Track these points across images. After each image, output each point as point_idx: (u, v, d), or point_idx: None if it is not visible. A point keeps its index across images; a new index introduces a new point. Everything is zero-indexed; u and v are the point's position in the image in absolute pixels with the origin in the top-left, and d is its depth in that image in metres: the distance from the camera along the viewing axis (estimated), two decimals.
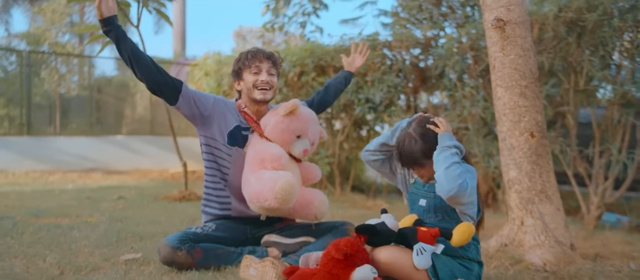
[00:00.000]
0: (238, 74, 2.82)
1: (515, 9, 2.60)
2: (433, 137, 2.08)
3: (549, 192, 2.60)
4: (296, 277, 1.99)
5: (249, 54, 2.80)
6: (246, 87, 2.76)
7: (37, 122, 9.04)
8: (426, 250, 1.96)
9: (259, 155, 2.61)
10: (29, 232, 3.37)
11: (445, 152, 1.99)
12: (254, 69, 2.75)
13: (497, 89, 2.69)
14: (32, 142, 8.04)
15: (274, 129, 2.67)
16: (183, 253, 2.44)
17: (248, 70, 2.76)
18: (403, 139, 2.12)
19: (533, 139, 2.60)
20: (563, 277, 2.32)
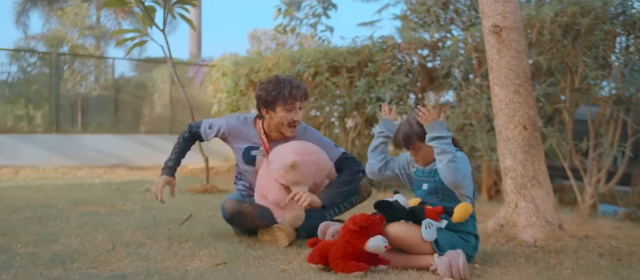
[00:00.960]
0: (269, 105, 2.92)
1: (510, 16, 2.93)
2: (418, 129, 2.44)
3: (540, 178, 2.94)
4: (319, 246, 2.34)
5: (285, 91, 2.88)
6: (277, 121, 2.94)
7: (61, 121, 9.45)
8: (433, 225, 2.30)
9: (262, 191, 2.97)
10: (73, 217, 3.74)
11: (443, 145, 2.32)
12: (289, 106, 2.89)
13: (494, 87, 3.03)
14: (60, 139, 8.46)
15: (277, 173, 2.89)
16: (247, 204, 2.84)
17: (283, 106, 2.89)
18: (401, 124, 2.48)
19: (526, 131, 2.93)
20: (550, 251, 2.65)
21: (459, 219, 2.29)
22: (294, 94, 2.88)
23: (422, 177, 2.51)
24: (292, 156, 2.80)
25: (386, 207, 2.34)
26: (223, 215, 2.95)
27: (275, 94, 2.89)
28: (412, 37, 5.42)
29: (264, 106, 2.96)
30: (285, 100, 2.88)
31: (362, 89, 5.61)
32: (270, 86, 2.92)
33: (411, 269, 2.32)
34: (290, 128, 2.96)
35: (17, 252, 2.64)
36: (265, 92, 2.92)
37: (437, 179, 2.41)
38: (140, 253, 2.63)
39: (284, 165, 2.81)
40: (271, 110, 2.94)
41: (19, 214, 3.83)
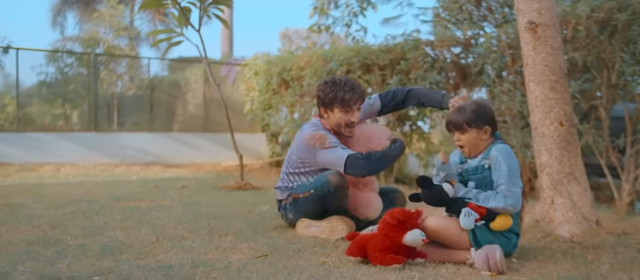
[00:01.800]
0: (328, 106, 3.01)
1: (545, 13, 2.94)
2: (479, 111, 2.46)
3: (577, 175, 2.94)
4: (357, 240, 2.40)
5: (341, 94, 2.95)
6: (334, 121, 3.02)
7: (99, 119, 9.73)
8: (472, 215, 2.33)
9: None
10: (116, 212, 3.88)
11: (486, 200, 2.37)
12: (346, 108, 2.97)
13: (529, 84, 3.04)
14: (99, 138, 8.72)
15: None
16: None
17: (341, 108, 2.97)
18: (457, 108, 2.51)
19: (562, 128, 2.93)
20: (587, 246, 2.66)
21: (497, 228, 2.34)
22: (349, 98, 2.96)
23: (469, 175, 2.52)
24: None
25: (427, 184, 2.39)
26: (325, 189, 2.97)
27: (332, 97, 2.98)
28: (445, 35, 5.43)
29: (323, 106, 3.06)
30: (342, 103, 2.96)
31: (395, 86, 5.64)
32: (328, 88, 3.00)
33: (448, 263, 2.36)
34: (347, 128, 3.04)
35: (68, 243, 2.77)
36: (323, 93, 3.02)
37: (486, 174, 2.43)
38: (183, 245, 2.73)
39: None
40: (329, 110, 3.03)
41: (65, 209, 3.99)
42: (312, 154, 3.03)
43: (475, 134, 2.45)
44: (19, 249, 2.61)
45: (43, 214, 3.73)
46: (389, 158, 2.98)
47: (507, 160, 2.38)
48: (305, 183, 3.13)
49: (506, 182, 2.33)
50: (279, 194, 3.30)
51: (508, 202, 2.33)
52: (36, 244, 2.73)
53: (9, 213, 3.79)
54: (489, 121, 2.48)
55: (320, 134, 3.00)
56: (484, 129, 2.45)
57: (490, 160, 2.41)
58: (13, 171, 7.20)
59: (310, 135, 3.02)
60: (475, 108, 2.48)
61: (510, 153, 2.43)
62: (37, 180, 6.56)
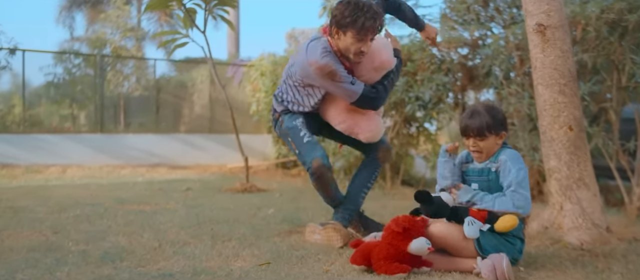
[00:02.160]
0: (342, 28, 2.79)
1: (554, 15, 2.88)
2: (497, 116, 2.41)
3: (587, 180, 2.88)
4: (361, 248, 2.35)
5: (360, 20, 2.74)
6: (343, 46, 2.82)
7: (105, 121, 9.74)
8: (475, 223, 2.27)
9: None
10: (120, 215, 3.85)
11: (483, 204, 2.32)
12: (360, 36, 2.76)
13: (538, 87, 2.98)
14: (105, 139, 8.72)
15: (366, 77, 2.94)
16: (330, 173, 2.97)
17: (356, 35, 2.76)
18: (470, 112, 2.44)
19: (571, 132, 2.87)
20: (597, 254, 2.59)
21: (502, 229, 2.28)
22: (368, 26, 2.74)
23: (472, 177, 2.49)
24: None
25: (426, 199, 2.33)
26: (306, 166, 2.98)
27: (350, 21, 2.75)
28: (452, 36, 5.36)
29: (336, 26, 2.82)
30: (358, 29, 2.75)
31: (401, 88, 5.59)
32: (347, 10, 2.77)
33: (454, 272, 2.31)
34: (356, 56, 2.86)
35: (69, 249, 2.74)
36: (341, 14, 2.78)
37: (491, 178, 2.39)
38: (185, 252, 2.69)
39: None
40: (342, 33, 2.81)
41: (69, 212, 3.97)
42: (318, 81, 2.89)
43: (493, 140, 2.41)
44: (19, 256, 2.59)
45: (46, 218, 3.71)
46: (393, 82, 2.99)
47: (516, 165, 2.33)
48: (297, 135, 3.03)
49: (515, 184, 2.28)
50: (276, 104, 3.20)
51: (517, 203, 2.27)
52: (37, 250, 2.70)
53: (13, 216, 3.77)
54: (505, 125, 2.43)
55: (330, 68, 2.79)
56: (501, 135, 2.41)
57: (499, 164, 2.36)
58: (19, 173, 7.20)
59: (319, 66, 2.81)
60: (490, 111, 2.42)
61: (520, 158, 2.38)
62: (43, 182, 6.55)
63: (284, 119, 3.14)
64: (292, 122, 3.08)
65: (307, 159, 2.94)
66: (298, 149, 3.03)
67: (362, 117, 3.01)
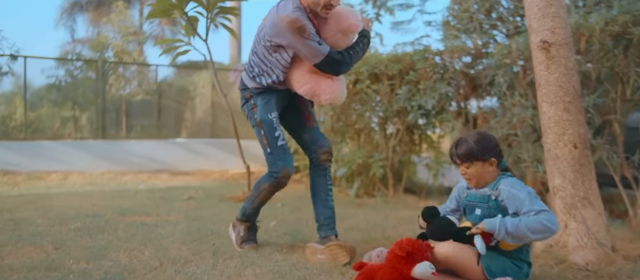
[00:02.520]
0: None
1: (559, 32, 2.86)
2: (483, 142, 2.39)
3: (591, 199, 2.85)
4: (364, 271, 2.33)
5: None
6: (313, 0, 2.93)
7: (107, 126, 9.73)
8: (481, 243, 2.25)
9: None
10: (121, 229, 3.84)
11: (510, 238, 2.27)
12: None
13: (542, 105, 2.95)
14: (107, 146, 8.70)
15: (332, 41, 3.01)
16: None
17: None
18: (458, 140, 2.44)
19: (576, 150, 2.85)
20: (603, 276, 2.57)
21: (506, 246, 2.26)
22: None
23: (474, 202, 2.46)
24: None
25: (434, 214, 2.33)
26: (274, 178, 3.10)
27: None
28: (455, 45, 5.34)
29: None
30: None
31: (404, 97, 5.57)
32: None
33: None
34: (325, 9, 2.95)
35: (70, 268, 2.72)
36: None
37: (492, 205, 2.37)
38: (187, 272, 2.67)
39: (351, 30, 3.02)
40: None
41: (70, 225, 3.96)
42: (286, 39, 2.92)
43: (480, 166, 2.38)
44: (19, 276, 2.57)
45: (47, 232, 3.69)
46: (359, 54, 3.03)
47: (523, 188, 2.31)
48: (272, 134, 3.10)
49: (531, 204, 2.24)
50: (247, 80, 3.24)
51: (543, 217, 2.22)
52: (38, 270, 2.68)
53: (14, 229, 3.76)
54: (494, 152, 2.40)
55: (300, 23, 2.85)
56: (490, 161, 2.38)
57: (498, 193, 2.34)
58: (20, 180, 7.19)
59: (290, 20, 2.86)
60: (478, 139, 2.41)
61: (522, 183, 2.35)
62: (44, 189, 6.54)
63: (257, 103, 3.17)
64: (267, 115, 3.13)
65: (279, 164, 3.08)
66: (270, 148, 3.11)
67: (324, 80, 3.05)
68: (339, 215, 4.63)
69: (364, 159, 6.11)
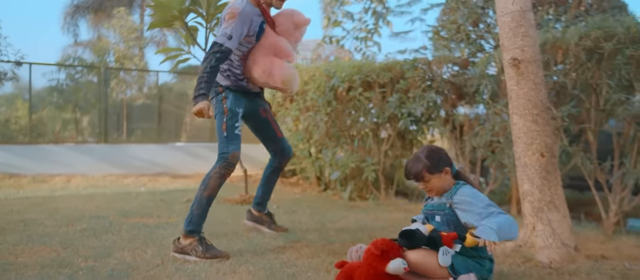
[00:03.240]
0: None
1: (528, 50, 3.12)
2: (434, 157, 2.64)
3: (557, 203, 3.11)
4: (345, 269, 2.58)
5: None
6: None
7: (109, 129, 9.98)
8: (449, 252, 2.51)
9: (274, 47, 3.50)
10: (124, 230, 4.09)
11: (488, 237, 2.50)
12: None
13: (513, 116, 3.21)
14: (108, 149, 8.96)
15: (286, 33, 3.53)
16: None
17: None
18: (410, 160, 2.68)
19: (543, 159, 3.11)
20: (564, 273, 2.82)
21: (471, 244, 2.51)
22: None
23: (433, 210, 2.71)
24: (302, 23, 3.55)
25: (410, 236, 2.57)
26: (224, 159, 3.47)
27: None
28: (443, 56, 5.60)
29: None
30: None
31: (394, 104, 5.82)
32: None
33: None
34: (280, 1, 3.53)
35: (79, 266, 2.98)
36: None
37: (448, 212, 2.62)
38: (186, 269, 2.93)
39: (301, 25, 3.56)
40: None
41: (76, 226, 4.21)
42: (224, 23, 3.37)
43: (437, 179, 2.63)
44: (34, 272, 2.82)
45: (55, 232, 3.95)
46: (209, 64, 3.26)
47: (477, 197, 2.55)
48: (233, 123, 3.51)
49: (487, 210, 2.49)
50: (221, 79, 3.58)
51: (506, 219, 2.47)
52: (49, 267, 2.94)
53: (24, 230, 4.01)
54: (445, 162, 2.65)
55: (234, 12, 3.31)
56: (444, 171, 2.63)
57: (453, 202, 2.58)
58: (25, 183, 7.45)
59: (231, 8, 3.37)
60: (429, 154, 2.65)
61: (476, 191, 2.59)
62: (49, 192, 6.79)
63: (228, 96, 3.55)
64: (235, 107, 3.53)
65: (230, 148, 3.45)
66: (227, 133, 3.47)
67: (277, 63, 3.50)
68: (332, 217, 4.90)
69: (357, 163, 6.36)
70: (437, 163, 2.64)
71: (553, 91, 4.46)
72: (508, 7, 3.15)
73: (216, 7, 5.79)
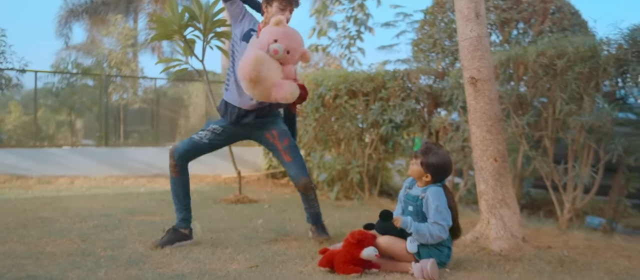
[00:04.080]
0: (269, 2, 3.82)
1: (484, 70, 3.66)
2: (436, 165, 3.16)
3: (508, 201, 3.65)
4: (327, 255, 3.11)
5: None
6: (270, 15, 3.78)
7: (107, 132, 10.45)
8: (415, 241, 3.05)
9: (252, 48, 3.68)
10: (133, 226, 4.59)
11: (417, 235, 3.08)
12: (282, 6, 3.75)
13: (471, 127, 3.75)
14: (109, 152, 9.43)
15: (262, 31, 3.66)
16: None
17: (279, 5, 3.76)
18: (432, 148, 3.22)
19: (496, 163, 3.65)
20: (510, 259, 3.36)
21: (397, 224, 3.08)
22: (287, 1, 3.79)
23: (409, 201, 3.25)
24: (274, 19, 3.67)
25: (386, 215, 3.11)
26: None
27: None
28: (419, 68, 6.15)
29: (265, 2, 3.85)
30: (281, 3, 3.76)
31: (376, 111, 6.36)
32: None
33: (395, 272, 3.07)
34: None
35: (100, 255, 3.48)
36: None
37: (419, 204, 3.15)
38: (192, 257, 3.44)
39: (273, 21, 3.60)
40: (269, 6, 3.81)
41: (88, 222, 4.71)
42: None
43: (418, 170, 3.16)
44: (62, 259, 3.32)
45: (71, 228, 4.44)
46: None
47: (436, 201, 3.08)
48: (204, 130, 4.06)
49: (433, 216, 3.05)
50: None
51: (434, 234, 3.04)
52: (75, 255, 3.43)
53: (43, 226, 4.50)
54: (435, 173, 3.16)
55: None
56: (426, 174, 3.17)
57: (426, 200, 3.12)
58: (32, 183, 7.91)
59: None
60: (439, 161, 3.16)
61: (440, 195, 3.12)
62: (55, 192, 7.26)
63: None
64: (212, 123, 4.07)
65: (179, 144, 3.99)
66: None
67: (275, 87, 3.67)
68: None
69: (343, 165, 6.89)
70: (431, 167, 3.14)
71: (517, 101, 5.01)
72: (467, 33, 3.69)
73: (212, 22, 6.30)
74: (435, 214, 3.05)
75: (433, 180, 3.18)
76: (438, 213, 3.05)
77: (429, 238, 3.04)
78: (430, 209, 3.07)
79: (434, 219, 3.04)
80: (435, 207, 3.06)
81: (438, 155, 3.18)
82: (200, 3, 6.23)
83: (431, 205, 3.07)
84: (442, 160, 3.18)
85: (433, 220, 3.04)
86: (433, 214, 3.05)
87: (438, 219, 3.04)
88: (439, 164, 3.16)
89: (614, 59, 4.22)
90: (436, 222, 3.04)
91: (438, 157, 3.17)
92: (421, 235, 3.04)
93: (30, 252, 3.52)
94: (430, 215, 3.06)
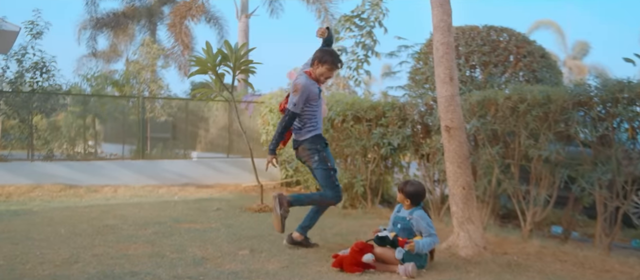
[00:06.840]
0: (320, 62, 4.96)
1: (455, 120, 4.87)
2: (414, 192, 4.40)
3: (473, 219, 4.87)
4: (338, 259, 4.34)
5: (334, 62, 4.99)
6: (320, 72, 4.98)
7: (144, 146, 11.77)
8: (401, 251, 4.28)
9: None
10: (183, 233, 5.82)
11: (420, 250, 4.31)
12: (330, 70, 5.01)
13: (446, 163, 4.97)
14: (145, 164, 10.71)
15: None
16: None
17: (327, 68, 4.97)
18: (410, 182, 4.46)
19: (464, 191, 4.87)
20: (471, 263, 4.58)
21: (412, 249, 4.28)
22: (336, 64, 5.05)
23: (398, 220, 4.48)
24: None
25: (382, 239, 4.33)
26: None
27: (327, 59, 4.99)
28: (413, 102, 7.37)
29: (318, 61, 5.00)
30: (330, 66, 5.00)
31: (377, 136, 7.58)
32: (327, 54, 5.00)
33: (387, 272, 4.30)
34: (324, 80, 5.09)
35: (169, 256, 4.71)
36: (321, 54, 5.01)
37: (406, 223, 4.38)
38: (238, 258, 4.67)
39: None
40: (321, 65, 4.98)
41: (147, 229, 5.94)
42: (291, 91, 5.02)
43: (402, 197, 4.40)
44: (145, 260, 4.55)
45: (136, 234, 5.68)
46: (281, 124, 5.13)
47: (425, 219, 4.32)
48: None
49: (428, 230, 4.27)
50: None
51: (434, 240, 4.27)
52: (154, 257, 4.67)
53: (114, 233, 5.74)
54: (413, 199, 4.40)
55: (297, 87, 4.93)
56: (407, 200, 4.40)
57: (415, 220, 4.34)
58: (82, 193, 9.19)
59: (295, 82, 5.00)
60: (415, 190, 4.42)
61: (425, 215, 4.36)
62: (103, 200, 8.53)
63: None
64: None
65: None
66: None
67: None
68: (329, 223, 6.65)
69: (349, 179, 8.11)
70: (410, 195, 4.40)
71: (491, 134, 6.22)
72: (443, 92, 4.92)
73: (241, 62, 7.56)
74: (428, 228, 4.28)
75: (413, 204, 4.41)
76: (431, 227, 4.30)
77: (431, 246, 4.27)
78: (423, 226, 4.30)
79: (429, 231, 4.28)
80: (427, 223, 4.30)
81: (414, 185, 4.43)
82: (231, 46, 7.49)
83: (422, 223, 4.31)
84: (416, 189, 4.44)
85: (429, 233, 4.27)
86: (428, 229, 4.28)
87: (432, 231, 4.28)
88: (415, 191, 4.42)
89: (561, 108, 5.41)
90: (431, 234, 4.27)
91: (414, 187, 4.43)
92: (427, 248, 4.26)
93: (119, 254, 4.76)
94: (425, 230, 4.29)
